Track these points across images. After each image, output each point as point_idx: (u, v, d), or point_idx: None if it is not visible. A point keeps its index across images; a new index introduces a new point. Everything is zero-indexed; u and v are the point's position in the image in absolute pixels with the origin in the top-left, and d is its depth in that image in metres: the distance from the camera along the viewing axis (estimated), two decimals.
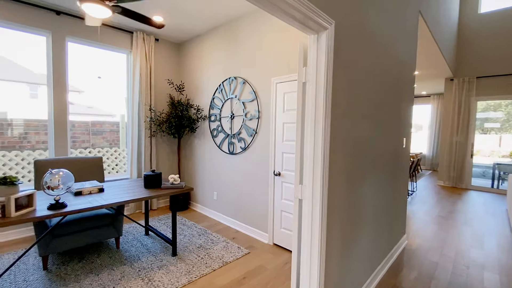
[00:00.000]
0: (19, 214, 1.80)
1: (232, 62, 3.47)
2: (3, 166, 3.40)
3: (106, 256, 2.64)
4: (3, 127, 3.39)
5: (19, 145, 3.51)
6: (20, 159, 3.52)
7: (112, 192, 2.46)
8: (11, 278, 2.22)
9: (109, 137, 4.33)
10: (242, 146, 3.35)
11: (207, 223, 3.63)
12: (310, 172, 1.47)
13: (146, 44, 3.87)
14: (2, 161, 3.40)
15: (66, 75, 3.35)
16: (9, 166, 3.44)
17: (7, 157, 3.45)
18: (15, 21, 2.91)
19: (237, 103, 3.42)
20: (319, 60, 1.41)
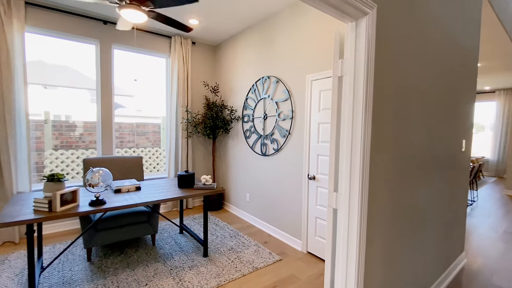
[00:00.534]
0: (64, 209, 1.93)
1: (265, 61, 3.38)
2: (61, 163, 3.79)
3: (142, 252, 2.74)
4: (63, 128, 3.78)
5: (75, 145, 3.87)
6: (75, 157, 3.88)
7: (148, 190, 2.55)
8: (60, 267, 2.42)
9: (152, 138, 4.57)
10: (275, 148, 3.23)
11: (240, 224, 3.59)
12: (346, 178, 1.30)
13: (183, 47, 3.99)
14: (61, 159, 3.78)
15: (112, 80, 3.60)
16: (66, 164, 3.82)
17: (65, 155, 3.82)
18: (69, 31, 3.22)
19: (270, 103, 3.31)
20: (358, 50, 1.23)
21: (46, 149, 3.69)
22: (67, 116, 3.99)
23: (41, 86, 4.72)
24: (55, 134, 3.76)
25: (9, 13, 2.75)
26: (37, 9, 3.00)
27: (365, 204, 1.27)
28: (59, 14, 3.13)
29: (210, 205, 4.16)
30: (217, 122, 3.96)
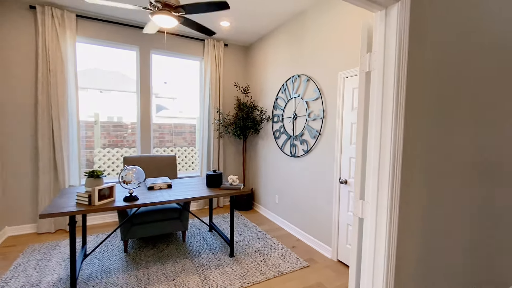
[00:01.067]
0: (101, 203, 2.09)
1: (295, 59, 3.28)
2: (107, 160, 4.14)
3: (173, 247, 2.86)
4: (110, 128, 4.13)
5: (120, 143, 4.21)
6: (120, 155, 4.21)
7: (178, 188, 2.65)
8: (100, 255, 2.64)
9: (188, 138, 4.77)
10: (305, 149, 3.11)
11: (268, 226, 3.54)
12: (373, 186, 1.17)
13: (216, 50, 4.08)
14: (107, 156, 4.14)
15: (150, 83, 3.83)
16: (112, 161, 4.17)
17: (111, 153, 4.18)
18: (113, 39, 3.50)
19: (300, 102, 3.21)
20: (388, 42, 1.10)
21: (96, 148, 4.06)
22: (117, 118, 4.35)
23: (98, 91, 5.24)
24: (104, 134, 4.12)
25: (63, 25, 3.09)
26: (86, 21, 3.33)
27: (395, 217, 1.13)
28: (104, 24, 3.43)
29: (240, 205, 4.18)
30: (247, 123, 3.96)
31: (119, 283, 2.20)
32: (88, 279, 2.23)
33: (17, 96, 3.04)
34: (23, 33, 3.02)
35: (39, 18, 2.99)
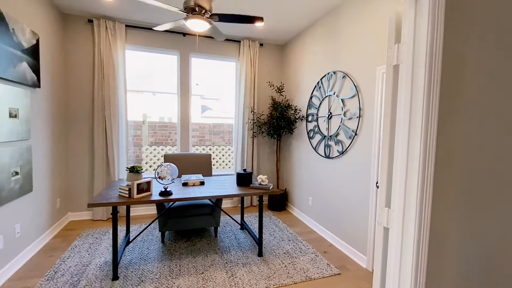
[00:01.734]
0: (139, 196, 2.28)
1: (331, 56, 3.13)
2: (153, 157, 4.51)
3: (205, 242, 2.98)
4: (156, 128, 4.48)
5: (165, 142, 4.54)
6: (164, 152, 4.54)
7: (210, 185, 2.74)
8: (140, 244, 2.88)
9: (226, 137, 4.93)
10: (339, 150, 2.95)
11: (300, 229, 3.45)
12: (401, 192, 1.05)
13: (251, 50, 4.12)
14: (153, 153, 4.50)
15: (190, 85, 4.05)
16: (157, 158, 4.52)
17: (156, 150, 4.53)
18: (157, 46, 3.78)
19: (335, 100, 3.05)
20: (418, 32, 0.97)
21: (144, 145, 4.45)
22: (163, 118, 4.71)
23: (147, 93, 5.73)
24: (151, 133, 4.49)
25: (114, 35, 3.45)
26: (134, 30, 3.66)
27: (425, 229, 1.00)
28: (148, 32, 3.72)
29: (273, 205, 4.16)
30: (280, 122, 3.92)
31: (154, 271, 2.37)
32: (129, 265, 2.46)
33: (79, 97, 3.49)
34: (83, 43, 3.46)
35: (95, 30, 3.39)
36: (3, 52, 2.14)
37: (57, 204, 3.20)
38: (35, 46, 2.61)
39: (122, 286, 2.14)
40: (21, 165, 2.42)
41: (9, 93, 2.24)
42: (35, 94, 2.69)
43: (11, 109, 2.28)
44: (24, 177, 2.47)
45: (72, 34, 3.41)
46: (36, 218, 2.71)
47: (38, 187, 2.75)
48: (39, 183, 2.78)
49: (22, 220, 2.47)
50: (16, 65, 2.31)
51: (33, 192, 2.66)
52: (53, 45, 3.08)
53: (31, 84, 2.55)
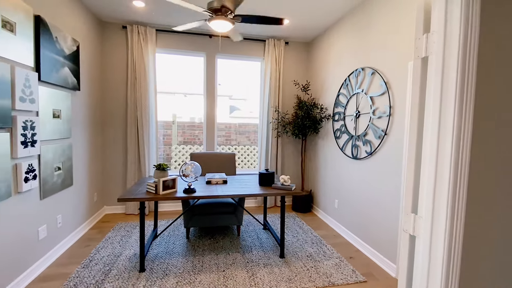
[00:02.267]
0: (165, 192, 2.37)
1: (359, 51, 2.98)
2: (182, 155, 4.68)
3: (228, 240, 3.01)
4: (185, 127, 4.65)
5: (193, 141, 4.70)
6: (192, 151, 4.70)
7: (232, 184, 2.77)
8: (167, 239, 3.00)
9: (251, 137, 4.96)
10: (368, 150, 2.79)
11: (325, 232, 3.34)
12: (429, 197, 0.95)
13: (276, 49, 4.08)
14: (182, 152, 4.68)
15: (216, 85, 4.13)
16: (186, 156, 4.69)
17: (185, 149, 4.70)
18: (185, 48, 3.92)
19: (363, 98, 2.89)
20: (450, 18, 0.87)
21: (173, 144, 4.64)
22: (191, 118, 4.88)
23: (175, 94, 5.98)
24: (180, 132, 4.67)
25: (145, 40, 3.64)
26: (164, 34, 3.82)
27: (458, 240, 0.89)
28: (177, 35, 3.87)
29: (298, 206, 4.08)
30: (305, 122, 3.82)
31: (178, 265, 2.45)
32: (155, 258, 2.57)
33: (114, 99, 3.74)
34: (118, 48, 3.70)
35: (129, 35, 3.60)
36: (48, 59, 2.36)
37: (94, 198, 3.46)
38: (76, 52, 2.85)
39: (147, 278, 2.24)
40: (63, 161, 2.66)
41: (53, 95, 2.47)
42: (75, 96, 2.94)
43: (55, 110, 2.51)
44: (65, 172, 2.71)
45: (109, 40, 3.66)
46: (76, 210, 2.95)
47: (78, 181, 3.00)
48: (79, 178, 3.02)
49: (63, 211, 2.70)
50: (59, 70, 2.53)
51: (73, 186, 2.90)
52: (92, 51, 3.33)
53: (72, 87, 2.79)
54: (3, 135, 1.86)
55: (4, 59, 1.87)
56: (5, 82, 1.85)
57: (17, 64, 2.00)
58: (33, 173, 2.18)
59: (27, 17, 2.09)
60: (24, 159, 2.09)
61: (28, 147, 2.11)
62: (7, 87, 1.87)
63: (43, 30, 2.27)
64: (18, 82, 1.98)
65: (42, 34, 2.26)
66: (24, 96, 2.05)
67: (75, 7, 2.89)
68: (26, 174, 2.10)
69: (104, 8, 3.22)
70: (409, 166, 1.04)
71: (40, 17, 2.23)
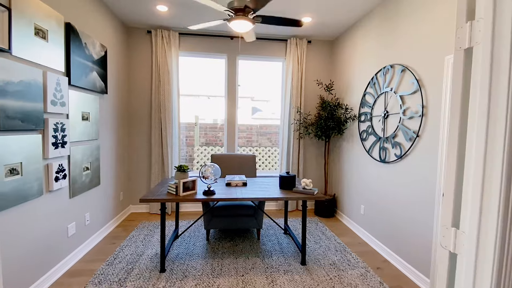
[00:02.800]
0: (185, 194, 2.37)
1: (387, 47, 2.79)
2: (204, 157, 4.73)
3: (247, 243, 2.96)
4: (207, 129, 4.70)
5: (215, 142, 4.73)
6: (213, 152, 4.73)
7: (252, 187, 2.71)
8: (188, 240, 3.02)
9: (273, 138, 4.90)
10: (397, 153, 2.60)
11: (350, 239, 3.17)
12: (474, 209, 0.82)
13: (298, 48, 3.98)
14: (204, 153, 4.73)
15: (236, 87, 4.11)
16: (207, 157, 4.73)
17: (207, 150, 4.75)
18: (207, 51, 3.95)
19: (392, 97, 2.70)
20: (500, 2, 0.74)
21: (195, 145, 4.71)
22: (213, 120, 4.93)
23: (198, 97, 6.08)
24: (202, 134, 4.73)
25: (169, 44, 3.72)
26: (186, 37, 3.89)
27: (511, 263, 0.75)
28: (199, 37, 3.91)
29: (320, 211, 3.93)
30: (329, 123, 3.67)
31: (197, 267, 2.44)
32: (175, 259, 2.59)
33: (139, 101, 3.87)
34: (143, 52, 3.82)
35: (153, 40, 3.71)
36: (77, 64, 2.47)
37: (120, 197, 3.59)
38: (103, 57, 2.97)
39: (167, 279, 2.26)
40: (91, 162, 2.77)
41: (82, 99, 2.59)
42: (103, 99, 3.07)
43: (84, 113, 2.62)
44: (93, 172, 2.82)
45: (134, 44, 3.79)
46: (103, 209, 3.07)
47: (105, 181, 3.12)
48: (106, 178, 3.15)
49: (91, 210, 2.82)
50: (87, 74, 2.65)
51: (101, 185, 3.02)
52: (118, 55, 3.47)
53: (100, 91, 2.91)
54: (36, 136, 1.97)
55: (37, 65, 1.98)
56: (37, 86, 1.96)
57: (49, 69, 2.12)
58: (63, 173, 2.29)
59: (58, 24, 2.20)
60: (54, 160, 2.20)
61: (59, 148, 2.22)
62: (39, 91, 1.98)
63: (73, 37, 2.39)
64: (50, 86, 2.09)
65: (72, 40, 2.37)
66: (55, 100, 2.15)
67: (103, 14, 3.02)
68: (57, 174, 2.21)
69: (130, 14, 3.34)
70: (448, 174, 0.91)
71: (71, 24, 2.35)
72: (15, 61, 1.78)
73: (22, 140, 1.84)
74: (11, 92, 1.73)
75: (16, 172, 1.80)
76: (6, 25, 1.67)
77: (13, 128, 1.75)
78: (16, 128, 1.78)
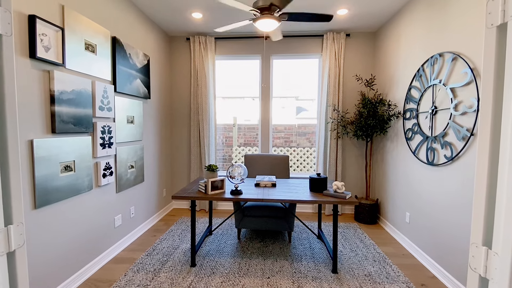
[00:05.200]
0: (213, 193, 2.45)
1: (435, 33, 2.44)
2: (242, 157, 4.83)
3: (278, 245, 2.91)
4: (245, 130, 4.79)
5: (253, 143, 4.80)
6: (251, 152, 4.80)
7: (280, 188, 2.66)
8: (220, 237, 3.10)
9: (311, 138, 4.76)
10: (448, 155, 2.25)
11: (391, 249, 2.86)
12: (508, 225, 0.65)
13: (336, 43, 3.76)
14: (241, 153, 4.82)
15: (271, 87, 4.09)
16: None
17: (244, 151, 4.84)
18: (241, 53, 4.02)
19: (441, 90, 2.36)
20: None
21: (234, 146, 4.84)
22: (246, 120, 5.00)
23: (242, 99, 6.24)
24: (240, 135, 4.84)
25: (206, 49, 3.89)
26: (221, 41, 4.02)
27: None
28: (234, 41, 4.00)
29: (361, 217, 3.64)
30: (370, 121, 3.38)
31: (226, 265, 2.49)
32: (206, 255, 2.69)
33: (181, 104, 4.14)
34: (183, 58, 4.08)
35: (191, 46, 3.93)
36: (122, 73, 2.76)
37: (163, 193, 3.89)
38: (146, 65, 3.26)
39: (196, 273, 2.36)
40: (135, 161, 3.07)
41: (127, 104, 2.88)
42: (146, 104, 3.36)
43: (128, 117, 2.92)
44: (138, 170, 3.12)
45: (176, 52, 4.08)
46: (146, 204, 3.37)
47: (148, 178, 3.42)
48: (149, 176, 3.45)
49: (136, 204, 3.12)
50: (131, 82, 2.94)
51: (144, 182, 3.32)
52: (161, 63, 3.77)
53: (143, 96, 3.20)
54: (86, 138, 2.26)
55: (86, 75, 2.27)
56: (87, 94, 2.25)
57: (97, 79, 2.41)
58: (110, 170, 2.58)
59: (105, 39, 2.49)
60: (102, 158, 2.49)
61: (106, 148, 2.50)
62: (89, 98, 2.27)
63: (118, 49, 2.68)
64: (98, 94, 2.37)
65: (117, 52, 2.66)
66: (102, 105, 2.44)
67: (145, 26, 3.32)
68: (104, 171, 2.49)
69: (169, 23, 3.60)
70: (477, 180, 0.75)
71: (116, 38, 2.63)
72: (68, 73, 2.07)
73: (74, 141, 2.13)
74: (65, 100, 2.02)
75: (70, 169, 2.09)
76: (60, 42, 1.95)
77: (67, 131, 2.04)
78: (70, 131, 2.07)
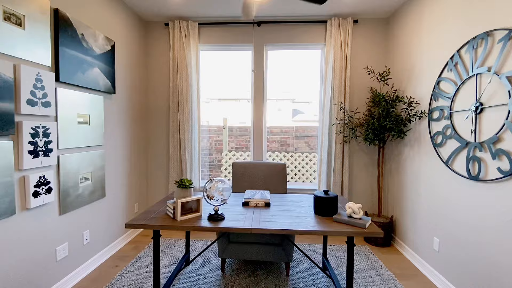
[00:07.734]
0: (184, 218, 1.80)
1: (478, 8, 1.85)
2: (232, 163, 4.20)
3: (272, 281, 2.27)
4: (237, 132, 4.16)
5: (245, 147, 4.17)
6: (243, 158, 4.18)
7: (276, 209, 2.03)
8: (199, 269, 2.45)
9: (311, 142, 4.16)
10: (504, 168, 1.65)
11: (415, 283, 2.24)
12: None
13: (342, 30, 3.17)
14: (232, 159, 4.19)
15: (265, 85, 3.48)
16: None
17: (236, 156, 4.20)
18: (230, 42, 3.40)
19: (492, 81, 1.76)
20: None
21: (224, 150, 4.21)
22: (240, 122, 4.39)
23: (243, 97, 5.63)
24: (231, 138, 4.21)
25: (187, 36, 3.26)
26: (206, 27, 3.39)
27: None
28: (221, 27, 3.38)
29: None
30: (384, 122, 2.77)
31: None
32: None
33: (157, 99, 3.50)
34: (161, 47, 3.45)
35: (170, 33, 3.29)
36: (70, 58, 2.11)
37: (135, 209, 3.22)
38: (110, 52, 2.62)
39: None
40: (92, 171, 2.41)
41: (78, 99, 2.23)
42: (110, 100, 2.71)
43: (81, 115, 2.27)
44: (95, 183, 2.46)
45: (153, 40, 3.44)
46: (110, 224, 2.71)
47: (112, 192, 2.76)
48: (113, 189, 2.78)
49: (93, 226, 2.45)
50: (86, 71, 2.29)
51: (106, 198, 2.66)
52: (132, 51, 3.12)
53: (105, 90, 2.55)
54: (4, 143, 1.61)
55: (5, 56, 1.62)
56: (5, 82, 1.60)
57: (24, 62, 1.76)
58: (47, 186, 1.92)
59: (41, 9, 1.85)
60: (33, 171, 1.83)
61: (40, 157, 1.85)
62: (8, 89, 1.62)
63: (63, 26, 2.03)
64: (25, 83, 1.72)
65: (62, 30, 2.02)
66: (34, 99, 1.79)
67: (109, 3, 2.68)
68: (36, 188, 1.84)
69: (143, 4, 2.97)
70: None
71: (59, 10, 1.99)
72: None
73: None
74: None
75: None
76: None
77: None
78: None
